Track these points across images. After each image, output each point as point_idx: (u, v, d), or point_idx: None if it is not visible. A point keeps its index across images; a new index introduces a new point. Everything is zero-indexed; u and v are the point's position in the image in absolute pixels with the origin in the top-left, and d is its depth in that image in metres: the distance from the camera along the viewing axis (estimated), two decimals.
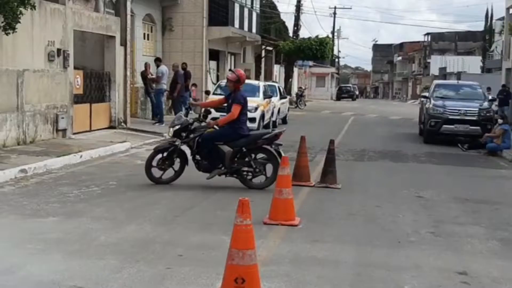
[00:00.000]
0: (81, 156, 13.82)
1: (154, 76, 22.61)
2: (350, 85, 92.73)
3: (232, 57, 36.93)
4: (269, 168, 10.72)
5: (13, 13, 12.92)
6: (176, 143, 10.69)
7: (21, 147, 14.23)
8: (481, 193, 11.65)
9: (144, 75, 23.23)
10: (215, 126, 10.71)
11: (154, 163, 10.70)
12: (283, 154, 10.14)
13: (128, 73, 20.95)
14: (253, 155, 10.75)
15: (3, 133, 14.01)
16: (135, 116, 22.76)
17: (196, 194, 10.52)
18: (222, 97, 12.69)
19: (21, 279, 5.90)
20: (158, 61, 23.59)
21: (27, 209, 8.84)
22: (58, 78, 16.30)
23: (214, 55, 32.78)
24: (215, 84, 27.61)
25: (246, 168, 10.73)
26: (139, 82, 23.46)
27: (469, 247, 7.76)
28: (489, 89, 28.09)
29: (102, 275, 6.09)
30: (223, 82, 25.12)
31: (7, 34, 13.30)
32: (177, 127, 10.82)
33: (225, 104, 11.54)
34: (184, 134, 10.73)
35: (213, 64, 32.86)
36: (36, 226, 7.97)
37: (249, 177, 10.81)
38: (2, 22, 13.02)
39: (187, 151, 10.83)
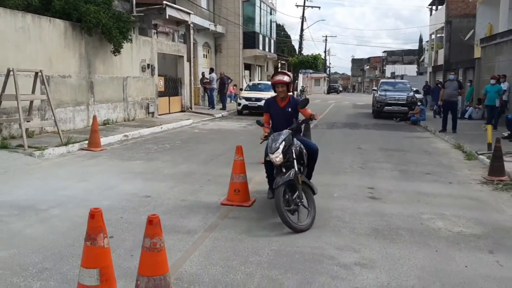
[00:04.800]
0: (161, 128, 14.03)
1: (208, 80, 22.89)
2: (336, 84, 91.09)
3: (259, 68, 36.85)
4: None
5: (118, 43, 13.34)
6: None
7: (126, 123, 14.56)
8: (398, 145, 11.63)
9: (201, 80, 23.54)
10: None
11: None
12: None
13: (192, 78, 21.18)
14: None
15: (115, 114, 14.53)
16: (197, 104, 23.07)
17: (227, 147, 10.53)
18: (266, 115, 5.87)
19: (118, 191, 6.36)
20: (211, 70, 23.81)
21: (125, 156, 9.22)
22: (148, 81, 16.68)
23: (247, 66, 32.76)
24: (247, 83, 27.84)
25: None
26: (199, 84, 23.77)
27: (379, 174, 7.92)
28: (423, 90, 27.76)
29: (162, 190, 6.51)
30: (251, 83, 25.40)
31: (115, 55, 13.73)
32: (281, 146, 5.07)
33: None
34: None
35: (246, 72, 32.94)
36: (129, 165, 8.32)
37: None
38: (112, 49, 13.45)
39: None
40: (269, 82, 25.25)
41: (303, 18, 48.36)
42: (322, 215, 5.40)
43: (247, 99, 20.92)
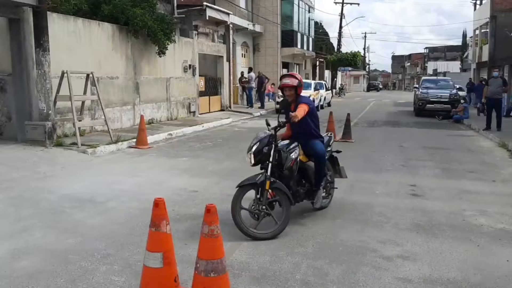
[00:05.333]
0: (203, 126, 14.43)
1: (247, 79, 23.21)
2: (376, 82, 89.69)
3: (297, 66, 36.92)
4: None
5: (163, 45, 13.85)
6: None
7: (169, 122, 15.08)
8: (441, 144, 11.54)
9: (240, 79, 23.90)
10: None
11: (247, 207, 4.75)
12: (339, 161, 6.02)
13: (231, 78, 21.61)
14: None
15: (159, 114, 15.09)
16: (236, 103, 23.43)
17: None
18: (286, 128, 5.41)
19: (166, 187, 6.73)
20: (249, 70, 24.15)
21: (171, 154, 9.65)
22: (190, 81, 17.18)
23: (285, 65, 32.90)
24: None
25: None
26: (238, 83, 24.14)
27: (421, 172, 7.97)
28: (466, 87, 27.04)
29: (208, 185, 6.85)
30: None
31: (160, 56, 14.27)
32: (255, 147, 4.88)
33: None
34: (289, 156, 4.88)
35: (284, 71, 33.07)
36: (175, 162, 8.74)
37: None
38: (156, 51, 13.99)
39: None
40: (308, 81, 25.79)
41: (341, 15, 48.04)
42: (364, 211, 5.59)
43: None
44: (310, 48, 36.41)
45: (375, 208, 5.77)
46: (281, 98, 5.65)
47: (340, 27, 48.27)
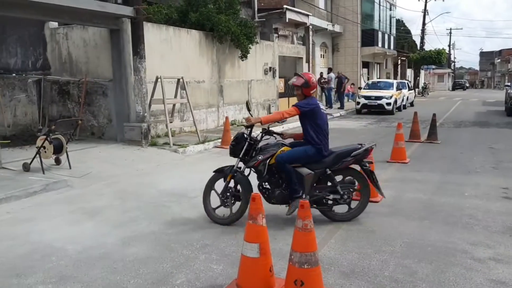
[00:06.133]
0: (283, 127, 14.73)
1: (326, 80, 23.20)
2: (462, 80, 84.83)
3: (377, 65, 36.16)
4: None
5: (245, 49, 14.35)
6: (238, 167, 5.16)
7: None
8: None
9: (319, 79, 23.90)
10: (283, 142, 5.29)
11: (218, 189, 5.19)
12: (375, 173, 5.37)
13: None
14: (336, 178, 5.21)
15: (241, 115, 15.57)
16: None
17: (359, 141, 10.93)
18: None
19: (254, 184, 7.04)
20: (329, 70, 24.10)
21: None
22: (270, 83, 17.58)
23: (365, 64, 32.39)
24: (365, 82, 27.62)
25: (331, 196, 5.15)
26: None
27: None
28: None
29: None
30: (370, 81, 25.07)
31: (242, 60, 14.80)
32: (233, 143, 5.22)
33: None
34: (246, 157, 5.15)
35: (364, 70, 32.57)
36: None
37: (333, 207, 5.24)
38: (239, 55, 14.52)
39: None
40: (390, 80, 25.20)
41: (425, 11, 46.17)
42: (453, 213, 5.51)
43: (366, 97, 20.80)
44: (392, 47, 35.46)
45: (464, 210, 5.65)
46: (363, 100, 5.93)
47: (423, 24, 46.42)
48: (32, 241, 4.67)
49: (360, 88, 25.25)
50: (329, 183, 5.18)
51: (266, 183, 5.18)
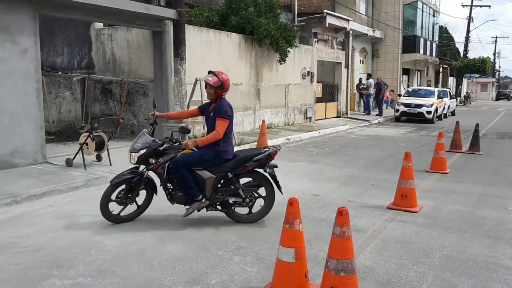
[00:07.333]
0: (319, 132, 14.66)
1: (365, 86, 22.88)
2: (507, 90, 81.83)
3: (418, 72, 35.40)
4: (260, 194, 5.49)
5: (284, 52, 14.35)
6: (141, 170, 5.26)
7: (286, 127, 15.54)
8: None
9: (358, 85, 23.62)
10: (193, 148, 5.05)
11: (113, 196, 5.15)
12: (278, 179, 5.44)
13: (348, 84, 21.55)
14: (240, 181, 5.31)
15: (277, 119, 15.64)
16: (352, 110, 23.21)
17: (387, 153, 10.75)
18: (195, 107, 5.82)
19: (287, 189, 6.80)
20: (368, 76, 23.80)
21: (290, 158, 9.99)
22: (307, 88, 17.50)
23: (405, 71, 31.77)
24: (405, 89, 27.07)
25: (233, 199, 5.25)
26: (355, 90, 23.89)
27: None
28: None
29: (329, 191, 7.01)
30: (410, 88, 24.53)
31: (281, 64, 14.81)
32: (142, 151, 5.14)
33: (199, 117, 6.50)
34: (152, 160, 5.17)
35: (404, 77, 31.95)
36: (295, 166, 9.03)
37: (236, 209, 5.38)
38: (278, 58, 14.55)
39: (156, 178, 5.35)
40: (431, 88, 24.61)
41: (470, 18, 44.82)
42: (495, 227, 5.32)
43: (406, 105, 20.40)
44: (434, 54, 34.65)
45: (508, 224, 5.45)
46: (402, 107, 5.89)
47: (468, 31, 45.05)
48: (73, 234, 4.82)
49: (399, 95, 24.80)
50: (232, 186, 5.24)
51: (169, 184, 5.23)
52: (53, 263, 4.08)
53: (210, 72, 5.30)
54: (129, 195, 5.21)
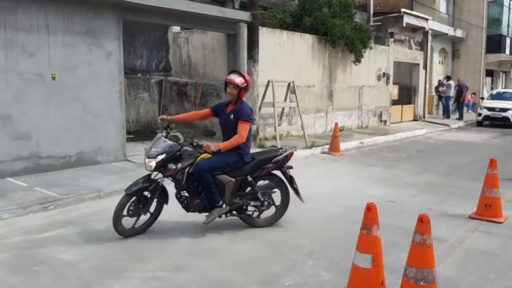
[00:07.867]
0: (395, 136, 14.16)
1: (444, 88, 21.84)
2: None
3: (503, 74, 33.16)
4: (275, 197, 5.30)
5: (359, 53, 14.09)
6: (156, 178, 4.93)
7: (359, 130, 15.21)
8: None
9: (437, 87, 22.59)
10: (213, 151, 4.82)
11: (125, 212, 4.73)
12: (294, 179, 5.27)
13: (427, 86, 20.70)
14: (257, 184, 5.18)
15: (350, 121, 15.36)
16: (430, 113, 22.26)
17: (468, 160, 10.22)
18: (209, 110, 5.33)
19: (362, 194, 6.87)
20: (448, 78, 22.69)
21: (364, 162, 9.78)
22: (382, 90, 17.03)
23: (488, 73, 29.90)
24: (489, 92, 25.48)
25: (252, 203, 5.11)
26: (433, 92, 22.89)
27: None
28: None
29: (406, 197, 6.78)
30: (494, 91, 23.03)
31: (355, 65, 14.55)
32: (160, 157, 4.75)
33: (213, 118, 5.37)
34: (172, 166, 4.80)
35: (488, 79, 30.09)
36: (369, 171, 8.83)
37: (255, 214, 5.24)
38: (352, 59, 14.31)
39: (168, 185, 5.05)
40: None
41: None
42: None
43: (489, 109, 19.19)
44: None
45: None
46: (485, 111, 5.42)
47: None
48: (151, 229, 5.05)
49: (482, 98, 23.36)
50: (249, 190, 5.08)
51: (185, 191, 4.96)
52: (133, 255, 4.32)
53: (234, 71, 5.17)
54: (141, 206, 4.83)
